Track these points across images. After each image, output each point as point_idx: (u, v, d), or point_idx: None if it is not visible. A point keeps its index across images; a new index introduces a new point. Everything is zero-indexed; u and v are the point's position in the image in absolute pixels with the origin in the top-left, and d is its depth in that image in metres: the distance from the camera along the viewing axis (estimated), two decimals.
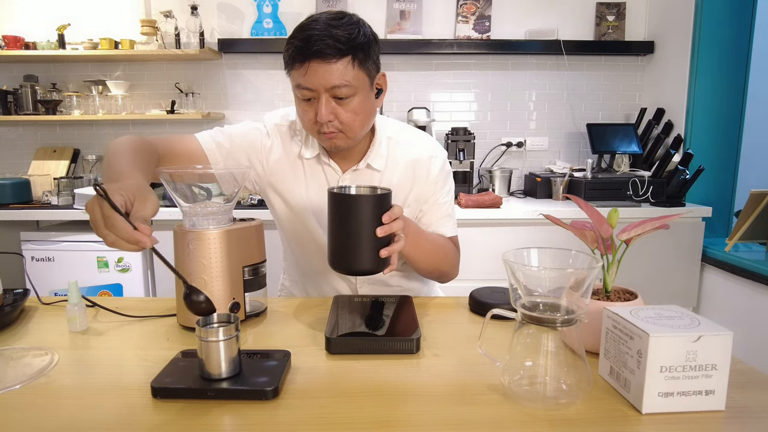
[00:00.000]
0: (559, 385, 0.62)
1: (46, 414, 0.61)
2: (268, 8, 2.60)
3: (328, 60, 0.89)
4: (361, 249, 0.81)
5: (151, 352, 0.79)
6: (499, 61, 2.75)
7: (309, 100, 0.94)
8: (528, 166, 2.81)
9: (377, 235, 0.80)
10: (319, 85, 0.90)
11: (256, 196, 2.36)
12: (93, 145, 2.80)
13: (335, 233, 0.83)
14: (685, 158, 2.31)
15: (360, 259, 0.82)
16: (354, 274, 0.86)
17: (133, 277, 2.29)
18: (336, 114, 0.94)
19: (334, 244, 0.83)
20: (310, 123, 0.96)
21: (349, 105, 0.94)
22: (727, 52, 2.35)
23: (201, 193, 0.93)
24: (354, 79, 0.92)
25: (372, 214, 0.80)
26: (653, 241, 2.19)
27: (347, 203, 0.81)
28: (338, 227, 0.82)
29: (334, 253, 0.84)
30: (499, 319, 0.69)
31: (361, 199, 0.82)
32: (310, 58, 0.89)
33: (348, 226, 0.80)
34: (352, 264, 0.83)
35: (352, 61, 0.91)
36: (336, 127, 0.95)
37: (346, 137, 0.98)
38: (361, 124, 0.97)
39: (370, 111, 0.99)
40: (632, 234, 0.74)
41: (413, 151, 1.10)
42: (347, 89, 0.91)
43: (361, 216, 0.80)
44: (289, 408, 0.62)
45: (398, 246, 0.84)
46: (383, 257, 0.82)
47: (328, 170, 1.08)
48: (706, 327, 0.60)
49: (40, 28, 2.66)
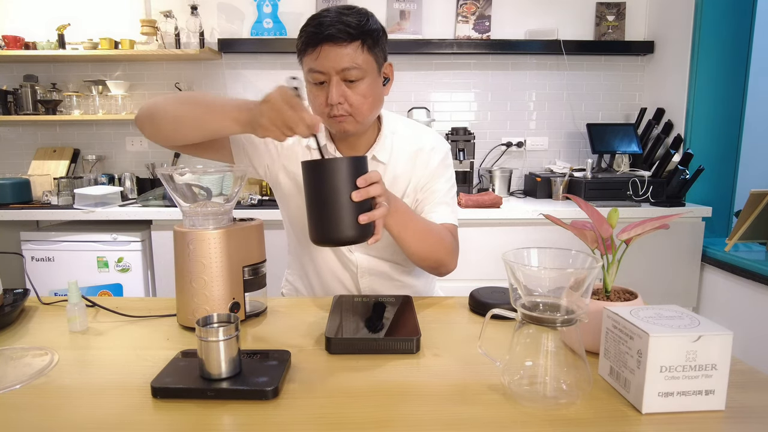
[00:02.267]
0: (559, 385, 0.62)
1: (46, 414, 0.61)
2: (268, 8, 2.60)
3: (339, 43, 0.93)
4: (340, 216, 0.78)
5: (151, 352, 0.79)
6: (499, 61, 2.75)
7: (320, 84, 0.98)
8: (528, 166, 2.81)
9: (353, 199, 0.78)
10: (330, 67, 0.95)
11: (256, 195, 2.36)
12: (93, 145, 2.80)
13: (312, 204, 0.80)
14: (685, 158, 2.31)
15: (340, 227, 0.79)
16: (337, 243, 0.81)
17: (133, 277, 2.30)
18: (346, 96, 0.97)
19: (313, 215, 0.80)
20: (321, 107, 0.99)
21: (358, 88, 0.97)
22: (727, 52, 2.35)
23: (201, 193, 0.93)
24: (363, 63, 0.96)
25: (347, 178, 0.78)
26: (653, 241, 2.19)
27: (319, 169, 0.79)
28: (314, 197, 0.79)
29: (314, 225, 0.81)
30: (499, 319, 0.69)
31: (334, 162, 0.79)
32: (322, 42, 0.94)
33: (324, 193, 0.78)
34: (333, 233, 0.79)
35: (362, 46, 0.95)
36: (346, 110, 0.98)
37: (354, 121, 1.00)
38: (370, 108, 1.01)
39: (378, 96, 1.02)
40: (632, 234, 0.74)
41: (416, 142, 1.14)
42: (357, 72, 0.95)
43: (335, 180, 0.77)
44: (289, 408, 0.62)
45: (379, 212, 0.83)
46: (363, 223, 0.80)
47: None
48: (706, 327, 0.60)
49: (40, 28, 2.66)
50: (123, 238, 2.27)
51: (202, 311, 0.84)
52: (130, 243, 2.27)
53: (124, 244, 2.27)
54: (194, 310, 0.85)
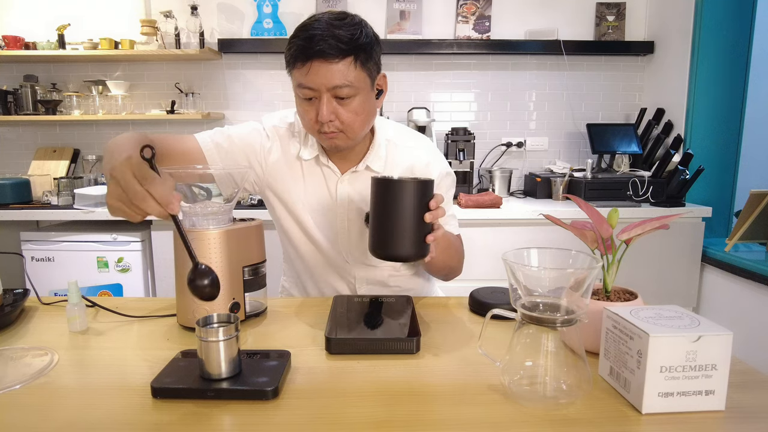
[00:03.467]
0: (559, 385, 0.62)
1: (46, 414, 0.61)
2: (268, 8, 2.60)
3: (330, 60, 0.89)
4: (406, 234, 0.82)
5: (151, 352, 0.79)
6: (499, 61, 2.75)
7: (310, 100, 0.94)
8: (528, 166, 2.81)
9: (426, 220, 0.81)
10: (320, 84, 0.91)
11: (256, 196, 2.36)
12: (93, 145, 2.80)
13: (381, 220, 0.83)
14: (685, 158, 2.31)
15: (405, 245, 0.83)
16: (396, 259, 0.87)
17: (133, 277, 2.30)
18: (337, 114, 0.94)
19: (379, 231, 0.83)
20: (311, 122, 0.96)
21: (350, 105, 0.94)
22: (727, 52, 2.35)
23: (201, 193, 0.93)
24: (356, 80, 0.92)
25: (418, 199, 0.81)
26: (653, 241, 2.18)
27: (394, 188, 0.82)
28: (384, 214, 0.83)
29: (379, 240, 0.84)
30: (499, 319, 0.69)
31: (407, 183, 0.82)
32: (312, 58, 0.89)
33: (395, 211, 0.81)
34: (398, 249, 0.83)
35: (354, 62, 0.91)
36: (337, 127, 0.95)
37: (346, 137, 0.98)
38: (362, 125, 0.98)
39: (370, 111, 0.99)
40: (632, 234, 0.74)
41: (412, 155, 1.12)
42: (349, 89, 0.92)
43: (407, 201, 0.81)
44: (289, 408, 0.62)
45: (440, 233, 0.86)
46: (429, 242, 0.83)
47: (327, 171, 1.08)
48: (706, 327, 0.60)
49: (40, 28, 2.66)
50: (123, 238, 2.27)
51: (202, 311, 0.84)
52: (130, 243, 2.27)
53: (124, 244, 2.27)
54: (194, 310, 0.85)
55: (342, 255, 1.12)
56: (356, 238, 1.10)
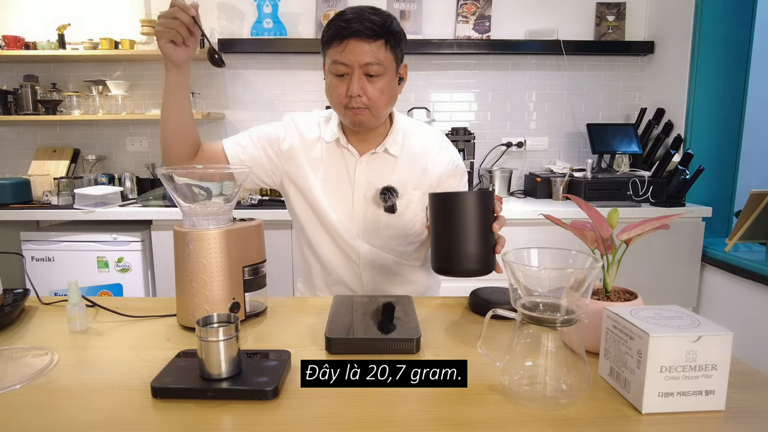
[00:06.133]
0: (559, 385, 0.62)
1: (46, 414, 0.61)
2: (268, 8, 2.60)
3: (365, 39, 0.99)
4: (473, 247, 0.81)
5: (151, 352, 0.79)
6: (499, 61, 2.75)
7: (342, 76, 1.03)
8: (528, 166, 2.81)
9: (494, 230, 0.82)
10: (354, 61, 1.00)
11: (256, 196, 2.36)
12: (93, 145, 2.81)
13: (442, 234, 0.82)
14: (685, 158, 2.31)
15: (473, 259, 0.82)
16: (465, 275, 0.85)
17: (133, 277, 2.30)
18: (365, 90, 1.03)
19: (443, 246, 0.83)
20: (341, 97, 1.04)
21: (377, 83, 1.03)
22: (727, 52, 2.35)
23: (201, 193, 0.93)
24: (385, 60, 1.02)
25: (481, 210, 0.81)
26: (653, 241, 2.19)
27: (456, 201, 0.81)
28: (447, 228, 0.82)
29: (444, 256, 0.83)
30: (499, 319, 0.69)
31: (470, 195, 0.81)
32: (349, 37, 0.99)
33: (456, 224, 0.81)
34: (464, 264, 0.82)
35: (386, 44, 1.01)
36: (363, 103, 1.03)
37: (370, 114, 1.05)
38: (386, 104, 1.06)
39: (393, 93, 1.08)
40: (632, 234, 0.74)
41: (427, 140, 1.19)
42: (378, 67, 1.01)
43: (469, 212, 0.81)
44: (289, 408, 0.62)
45: (504, 241, 0.87)
46: (499, 253, 0.83)
47: (346, 153, 1.15)
48: (706, 327, 0.59)
49: (40, 28, 2.66)
50: (123, 238, 2.27)
51: (202, 311, 0.84)
52: (130, 243, 2.27)
53: (124, 244, 2.27)
54: (194, 310, 0.85)
55: (352, 234, 1.15)
56: (370, 217, 1.15)
